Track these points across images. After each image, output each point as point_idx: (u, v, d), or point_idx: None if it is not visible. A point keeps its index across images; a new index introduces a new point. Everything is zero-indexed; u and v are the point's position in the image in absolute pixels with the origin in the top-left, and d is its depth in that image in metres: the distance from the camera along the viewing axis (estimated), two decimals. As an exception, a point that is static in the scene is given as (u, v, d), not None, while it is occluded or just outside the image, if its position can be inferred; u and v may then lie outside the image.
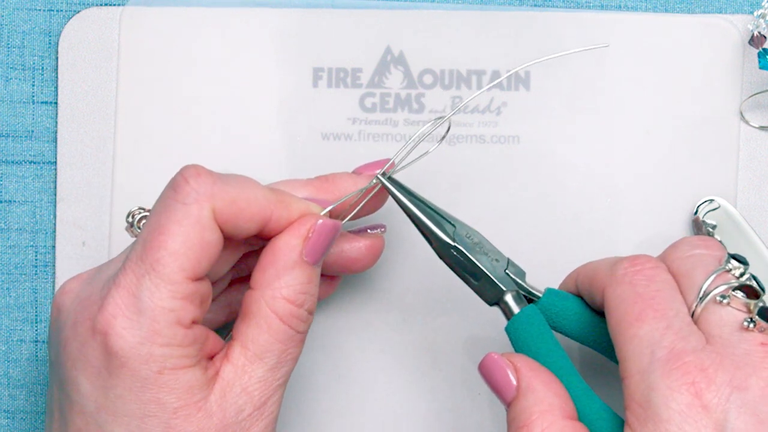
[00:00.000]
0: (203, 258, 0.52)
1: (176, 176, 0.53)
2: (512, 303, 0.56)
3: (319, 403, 0.63)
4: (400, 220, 0.62)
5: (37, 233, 0.65)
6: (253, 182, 0.55)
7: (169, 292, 0.52)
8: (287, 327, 0.54)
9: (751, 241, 0.62)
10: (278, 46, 0.64)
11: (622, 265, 0.54)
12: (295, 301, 0.54)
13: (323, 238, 0.54)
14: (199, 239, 0.52)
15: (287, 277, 0.54)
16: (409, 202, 0.56)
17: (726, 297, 0.52)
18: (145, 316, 0.51)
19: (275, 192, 0.55)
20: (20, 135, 0.65)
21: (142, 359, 0.51)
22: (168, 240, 0.52)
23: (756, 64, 0.63)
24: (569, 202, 0.63)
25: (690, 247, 0.54)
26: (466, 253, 0.56)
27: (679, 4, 0.65)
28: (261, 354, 0.53)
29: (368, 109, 0.64)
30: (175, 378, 0.52)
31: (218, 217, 0.53)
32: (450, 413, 0.63)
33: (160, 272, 0.52)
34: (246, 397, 0.53)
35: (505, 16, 0.64)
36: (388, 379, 0.63)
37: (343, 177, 0.58)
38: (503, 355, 0.54)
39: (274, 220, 0.54)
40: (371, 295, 0.63)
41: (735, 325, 0.51)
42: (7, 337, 0.65)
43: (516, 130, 0.64)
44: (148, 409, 0.52)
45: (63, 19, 0.65)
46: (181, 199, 0.52)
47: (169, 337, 0.52)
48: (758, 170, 0.63)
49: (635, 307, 0.52)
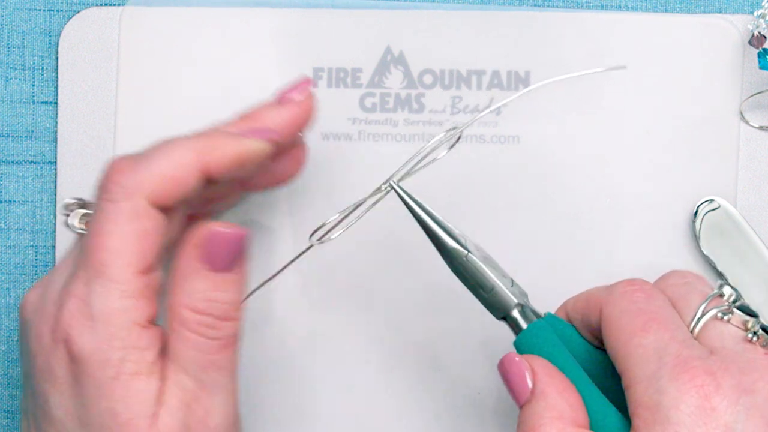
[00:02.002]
0: (147, 248, 0.52)
1: (102, 178, 0.53)
2: (520, 317, 0.55)
3: (319, 403, 0.63)
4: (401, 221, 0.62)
5: (37, 233, 0.65)
6: (178, 142, 0.54)
7: (120, 292, 0.52)
8: (197, 336, 0.53)
9: (751, 241, 0.62)
10: (278, 46, 0.64)
11: (621, 285, 0.54)
12: (198, 309, 0.53)
13: (220, 245, 0.53)
14: (139, 231, 0.52)
15: (187, 287, 0.53)
16: (422, 212, 0.55)
17: (727, 314, 0.52)
18: (98, 320, 0.51)
19: (203, 139, 0.54)
20: (20, 135, 0.65)
21: (99, 364, 0.51)
22: (107, 240, 0.52)
23: (756, 64, 0.63)
24: (569, 202, 0.63)
25: (681, 277, 0.55)
26: (479, 263, 0.55)
27: (679, 4, 0.65)
28: (182, 364, 0.53)
29: (368, 109, 0.64)
30: (128, 386, 0.51)
31: (152, 199, 0.53)
32: (450, 413, 0.63)
33: (106, 273, 0.52)
34: (186, 410, 0.53)
35: (505, 16, 0.64)
36: (388, 379, 0.63)
37: (268, 110, 0.57)
38: (523, 357, 0.53)
39: (213, 166, 0.54)
40: (371, 296, 0.63)
41: (738, 338, 0.52)
42: (7, 337, 0.65)
43: (516, 130, 0.64)
44: (104, 420, 0.51)
45: (63, 19, 0.65)
46: (110, 198, 0.52)
47: (124, 338, 0.51)
48: (758, 170, 0.63)
49: (639, 319, 0.52)
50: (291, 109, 0.57)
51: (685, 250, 0.63)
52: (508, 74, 0.64)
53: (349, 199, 0.57)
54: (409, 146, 0.64)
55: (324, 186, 0.63)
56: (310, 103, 0.58)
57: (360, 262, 0.63)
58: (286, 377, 0.63)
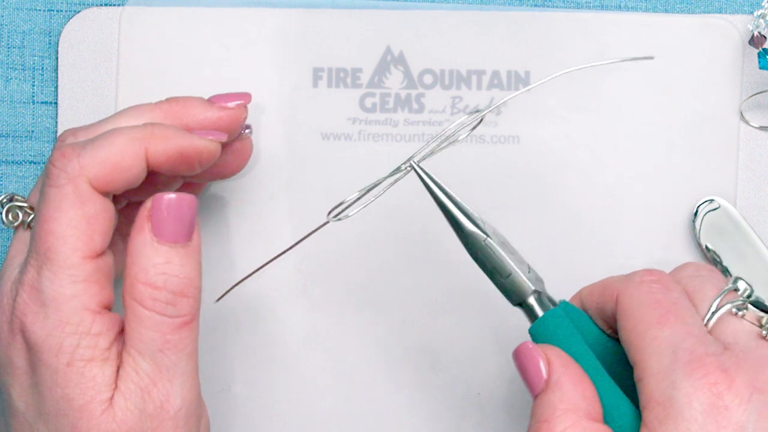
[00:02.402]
0: (94, 233, 0.52)
1: (47, 163, 0.53)
2: (536, 305, 0.55)
3: (320, 403, 0.63)
4: (401, 221, 0.62)
5: (37, 233, 0.65)
6: (122, 130, 0.54)
7: (68, 277, 0.52)
8: (153, 313, 0.52)
9: (751, 241, 0.62)
10: (278, 46, 0.64)
11: (639, 274, 0.54)
12: (152, 283, 0.52)
13: (172, 214, 0.53)
14: (83, 216, 0.52)
15: (139, 261, 0.52)
16: (442, 193, 0.55)
17: (742, 310, 0.52)
18: (49, 307, 0.51)
19: (149, 129, 0.55)
20: (20, 135, 0.65)
21: (53, 351, 0.51)
22: (53, 225, 0.52)
23: (756, 64, 0.63)
24: (569, 202, 0.63)
25: (696, 269, 0.55)
26: (497, 248, 0.55)
27: (679, 4, 0.65)
28: (139, 347, 0.52)
29: (368, 109, 0.64)
30: (82, 371, 0.51)
31: (97, 184, 0.53)
32: (450, 413, 0.63)
33: (54, 259, 0.52)
34: (145, 395, 0.52)
35: (505, 16, 0.64)
36: (388, 379, 0.63)
37: (195, 103, 0.58)
38: (539, 346, 0.53)
39: (156, 157, 0.54)
40: (371, 296, 0.63)
41: (752, 334, 0.52)
42: (7, 337, 0.65)
43: (516, 130, 0.64)
44: (60, 406, 0.51)
45: (63, 19, 0.65)
46: (54, 183, 0.53)
47: (77, 324, 0.51)
48: (758, 170, 0.63)
49: (656, 310, 0.52)
50: (217, 112, 0.58)
51: (685, 250, 0.63)
52: (508, 74, 0.64)
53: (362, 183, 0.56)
54: (410, 146, 0.64)
55: (324, 186, 0.63)
56: (238, 114, 0.58)
57: (360, 263, 0.63)
58: (286, 377, 0.63)
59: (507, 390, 0.63)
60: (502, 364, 0.63)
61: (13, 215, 0.56)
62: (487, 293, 0.62)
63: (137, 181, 0.54)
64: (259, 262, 0.58)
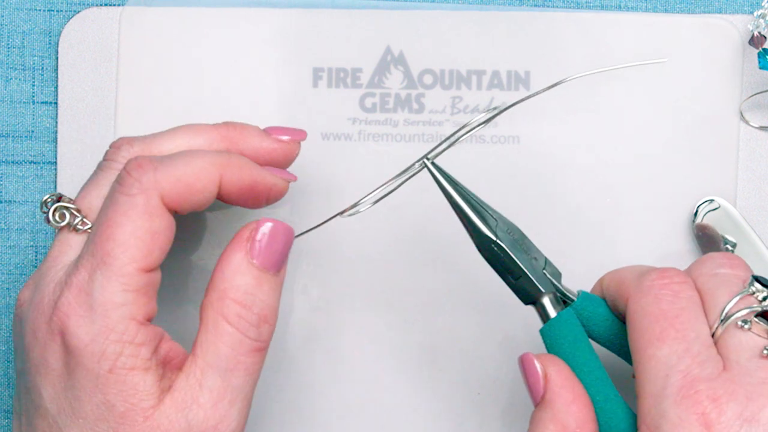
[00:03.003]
0: (154, 247, 0.52)
1: (121, 170, 0.53)
2: (549, 306, 0.55)
3: (319, 403, 0.63)
4: (402, 221, 0.62)
5: (37, 233, 0.65)
6: (200, 153, 0.55)
7: (121, 285, 0.52)
8: (235, 330, 0.53)
9: (751, 241, 0.62)
10: (278, 46, 0.64)
11: (650, 276, 0.53)
12: (241, 302, 0.53)
13: (271, 240, 0.54)
14: (148, 228, 0.52)
15: (233, 279, 0.53)
16: (454, 191, 0.55)
17: (747, 322, 0.51)
18: (97, 311, 0.51)
19: (227, 157, 0.55)
20: (20, 135, 0.65)
21: (95, 357, 0.51)
22: (117, 231, 0.52)
23: (756, 64, 0.63)
24: (569, 203, 0.63)
25: (715, 266, 0.54)
26: (507, 250, 0.54)
27: (679, 4, 0.65)
28: (211, 361, 0.53)
29: (368, 109, 0.64)
30: (124, 379, 0.51)
31: (167, 201, 0.53)
32: (450, 413, 0.63)
33: (111, 264, 0.52)
34: (198, 409, 0.52)
35: (505, 16, 0.64)
36: (388, 379, 0.63)
37: (253, 131, 0.58)
38: (539, 359, 0.53)
39: (225, 184, 0.54)
40: (371, 296, 0.63)
41: (755, 351, 0.51)
42: (7, 337, 0.65)
43: (516, 130, 0.64)
44: (99, 412, 0.51)
45: (63, 19, 0.65)
46: (126, 191, 0.53)
47: (121, 332, 0.51)
48: (758, 170, 0.63)
49: (657, 325, 0.51)
50: (273, 143, 0.58)
51: (685, 250, 0.63)
52: (508, 74, 0.64)
53: (349, 200, 0.56)
54: (410, 146, 0.64)
55: (324, 186, 0.63)
56: (292, 149, 0.58)
57: (360, 263, 0.63)
58: (286, 377, 0.63)
59: (507, 390, 0.63)
60: (502, 364, 0.63)
61: (60, 215, 0.55)
62: (487, 293, 0.63)
63: (205, 205, 0.54)
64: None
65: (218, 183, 0.54)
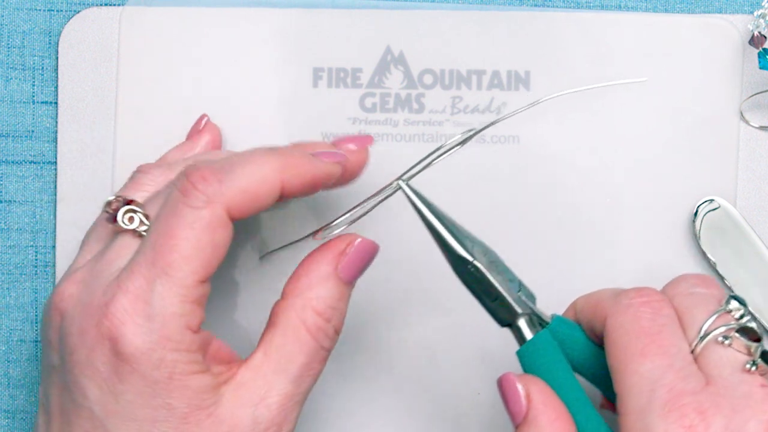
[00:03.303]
0: (214, 259, 0.53)
1: (183, 180, 0.53)
2: (525, 327, 0.54)
3: (319, 403, 0.63)
4: (401, 221, 0.62)
5: (37, 233, 0.65)
6: (258, 159, 0.54)
7: (180, 297, 0.52)
8: (313, 339, 0.54)
9: (751, 241, 0.62)
10: (278, 46, 0.64)
11: (629, 295, 0.53)
12: (323, 314, 0.54)
13: (361, 257, 0.55)
14: (211, 241, 0.52)
15: (319, 289, 0.54)
16: (430, 213, 0.55)
17: (729, 338, 0.51)
18: (155, 321, 0.51)
19: (285, 157, 0.55)
20: (20, 135, 0.65)
21: (153, 365, 0.51)
22: (180, 244, 0.52)
23: (756, 64, 0.63)
24: (569, 202, 0.63)
25: (690, 285, 0.54)
26: (483, 272, 0.54)
27: (679, 4, 0.65)
28: (284, 365, 0.54)
29: (368, 109, 0.64)
30: (184, 383, 0.52)
31: (231, 212, 0.53)
32: (450, 413, 0.63)
33: (173, 276, 0.52)
34: (264, 409, 0.53)
35: (505, 16, 0.64)
36: (388, 379, 0.63)
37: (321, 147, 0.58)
38: (520, 379, 0.53)
39: (289, 185, 0.54)
40: (371, 296, 0.63)
41: (736, 366, 0.51)
42: (7, 337, 0.65)
43: (516, 130, 0.64)
44: (159, 414, 0.52)
45: (63, 19, 0.65)
46: (191, 204, 0.52)
47: (178, 341, 0.52)
48: (758, 170, 0.64)
49: (639, 341, 0.51)
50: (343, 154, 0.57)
51: (685, 250, 0.63)
52: (508, 74, 0.64)
53: (349, 199, 0.57)
54: (410, 146, 0.64)
55: (324, 186, 0.63)
56: (362, 158, 0.58)
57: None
58: (286, 377, 0.63)
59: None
60: (502, 363, 0.63)
61: (129, 218, 0.55)
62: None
63: (265, 209, 0.54)
64: (258, 262, 0.58)
65: (280, 188, 0.54)
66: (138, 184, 0.58)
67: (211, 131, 0.62)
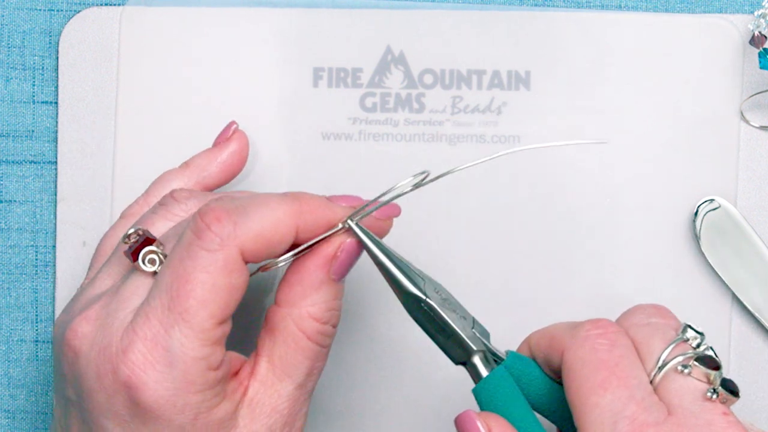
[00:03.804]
0: (232, 301, 0.52)
1: (197, 221, 0.52)
2: (480, 364, 0.54)
3: (319, 403, 0.63)
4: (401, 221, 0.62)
5: (37, 233, 0.65)
6: (272, 203, 0.53)
7: (200, 341, 0.51)
8: (314, 344, 0.54)
9: (751, 241, 0.62)
10: (278, 46, 0.64)
11: (584, 327, 0.52)
12: (321, 318, 0.54)
13: (352, 257, 0.55)
14: (227, 284, 0.52)
15: (315, 296, 0.54)
16: (380, 251, 0.54)
17: (688, 367, 0.51)
18: (176, 368, 0.51)
19: (299, 202, 0.54)
20: (20, 135, 0.65)
21: (177, 410, 0.51)
22: (196, 288, 0.51)
23: (756, 64, 0.63)
24: (569, 202, 0.63)
25: (645, 316, 0.54)
26: (437, 309, 0.53)
27: (679, 4, 0.65)
28: (289, 371, 0.54)
29: (369, 109, 0.64)
30: (209, 419, 0.52)
31: (246, 255, 0.52)
32: (450, 413, 0.63)
33: (190, 322, 0.51)
34: (276, 416, 0.53)
35: (505, 16, 0.64)
36: (388, 378, 0.63)
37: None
38: (480, 417, 0.53)
39: (300, 234, 0.54)
40: (371, 296, 0.63)
41: (697, 395, 0.50)
42: (8, 337, 0.65)
43: (516, 130, 0.64)
44: None
45: (63, 19, 0.65)
46: (206, 246, 0.51)
47: (201, 384, 0.51)
48: (758, 170, 0.63)
49: (598, 374, 0.51)
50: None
51: (685, 250, 0.63)
52: (509, 74, 0.64)
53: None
54: (410, 146, 0.64)
55: (324, 186, 0.63)
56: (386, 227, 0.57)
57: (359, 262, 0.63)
58: (286, 377, 0.63)
59: None
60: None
61: (150, 261, 0.53)
62: (486, 293, 0.63)
63: (280, 253, 0.54)
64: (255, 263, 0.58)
65: (295, 234, 0.54)
66: (169, 213, 0.57)
67: (239, 140, 0.62)
